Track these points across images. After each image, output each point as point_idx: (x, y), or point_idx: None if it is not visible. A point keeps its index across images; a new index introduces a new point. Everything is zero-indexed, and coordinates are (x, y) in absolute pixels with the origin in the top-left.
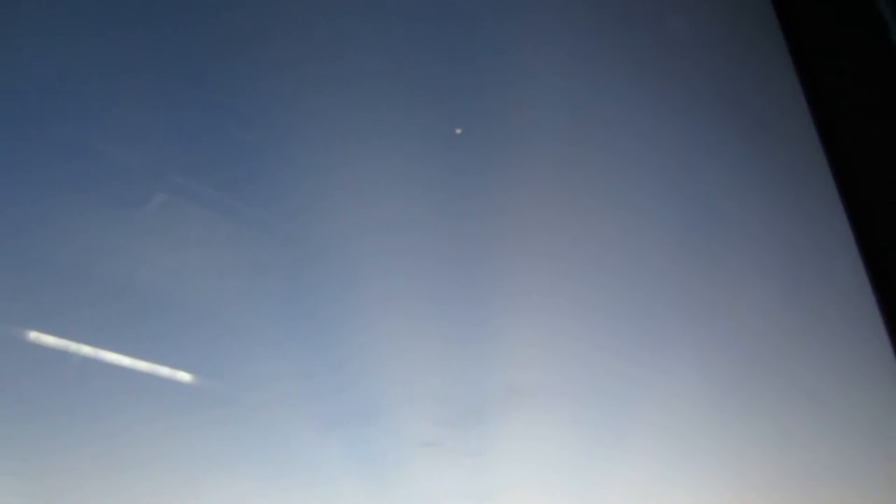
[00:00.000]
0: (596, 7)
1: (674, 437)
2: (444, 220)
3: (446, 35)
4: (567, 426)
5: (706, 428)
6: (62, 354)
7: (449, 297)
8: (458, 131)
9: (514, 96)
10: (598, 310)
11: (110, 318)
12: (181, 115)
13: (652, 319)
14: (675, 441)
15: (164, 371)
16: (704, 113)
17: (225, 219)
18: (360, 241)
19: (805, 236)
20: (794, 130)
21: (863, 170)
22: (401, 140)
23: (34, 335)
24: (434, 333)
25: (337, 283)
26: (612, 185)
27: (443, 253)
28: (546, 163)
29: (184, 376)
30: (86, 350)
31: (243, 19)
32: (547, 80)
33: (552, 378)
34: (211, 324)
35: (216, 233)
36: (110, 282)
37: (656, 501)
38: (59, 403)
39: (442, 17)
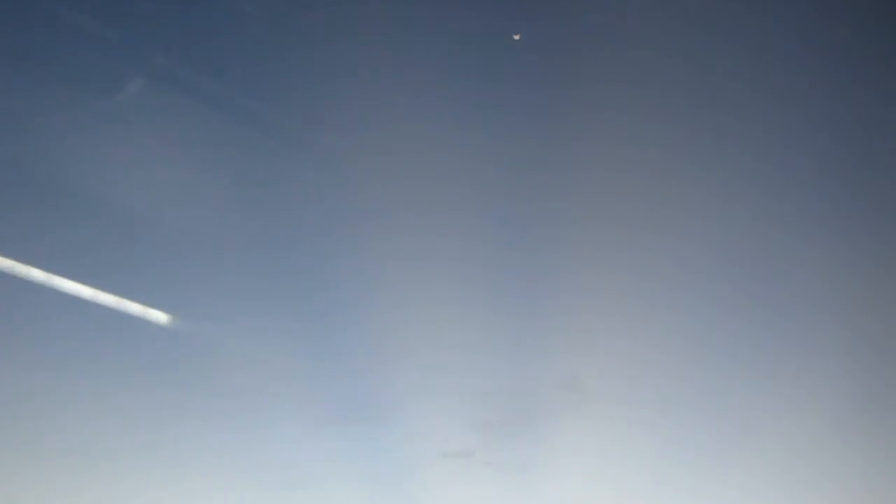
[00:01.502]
0: None
1: (746, 458)
2: (500, 163)
3: None
4: (627, 437)
5: (781, 446)
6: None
7: (495, 271)
8: (517, 37)
9: None
10: (674, 305)
11: (76, 242)
12: None
13: (738, 322)
14: (747, 463)
15: (136, 309)
16: None
17: (223, 114)
18: (391, 173)
19: None
20: None
21: None
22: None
23: None
24: (474, 317)
25: (358, 230)
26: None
27: (491, 211)
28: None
29: (161, 317)
30: (45, 276)
31: None
32: None
33: (614, 379)
34: (197, 264)
35: (211, 132)
36: (76, 195)
37: None
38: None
39: None
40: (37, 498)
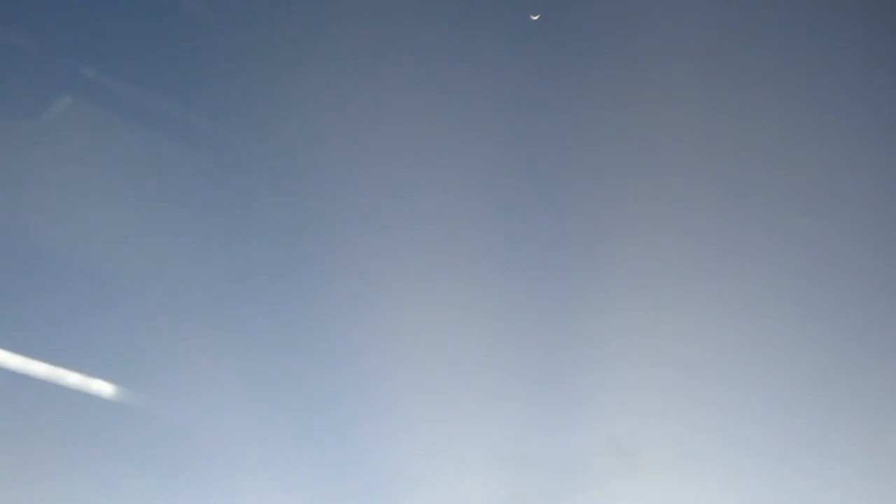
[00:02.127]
0: None
1: None
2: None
3: None
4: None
5: None
6: None
7: (527, 318)
8: (535, 17)
9: None
10: (735, 354)
11: None
12: None
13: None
14: None
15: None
16: None
17: (165, 135)
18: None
19: None
20: None
21: None
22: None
23: None
24: (503, 372)
25: (358, 268)
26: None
27: (520, 251)
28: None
29: (109, 389)
30: None
31: None
32: None
33: (669, 441)
34: (148, 321)
35: (152, 157)
36: None
37: None
38: None
39: None
40: None
